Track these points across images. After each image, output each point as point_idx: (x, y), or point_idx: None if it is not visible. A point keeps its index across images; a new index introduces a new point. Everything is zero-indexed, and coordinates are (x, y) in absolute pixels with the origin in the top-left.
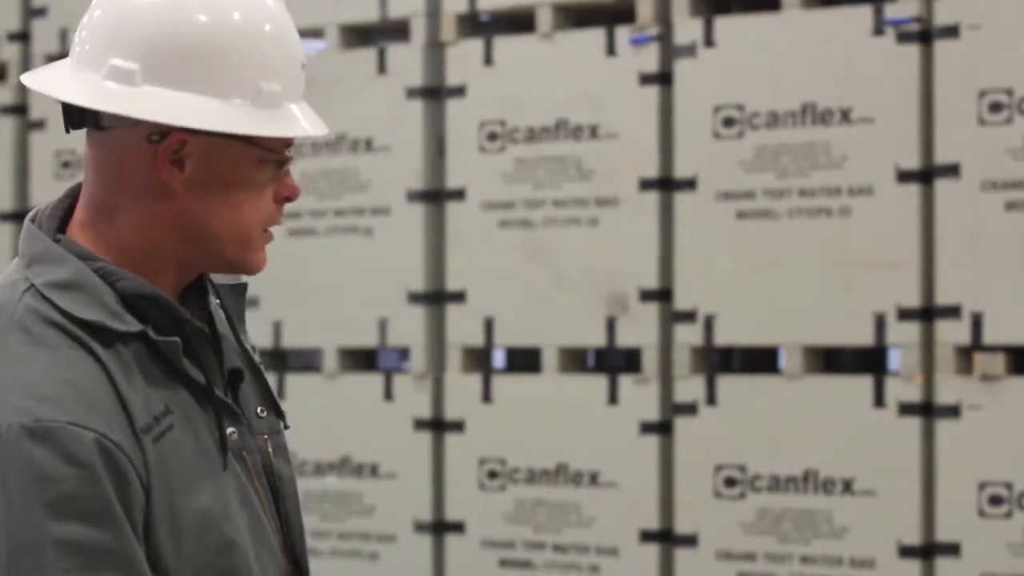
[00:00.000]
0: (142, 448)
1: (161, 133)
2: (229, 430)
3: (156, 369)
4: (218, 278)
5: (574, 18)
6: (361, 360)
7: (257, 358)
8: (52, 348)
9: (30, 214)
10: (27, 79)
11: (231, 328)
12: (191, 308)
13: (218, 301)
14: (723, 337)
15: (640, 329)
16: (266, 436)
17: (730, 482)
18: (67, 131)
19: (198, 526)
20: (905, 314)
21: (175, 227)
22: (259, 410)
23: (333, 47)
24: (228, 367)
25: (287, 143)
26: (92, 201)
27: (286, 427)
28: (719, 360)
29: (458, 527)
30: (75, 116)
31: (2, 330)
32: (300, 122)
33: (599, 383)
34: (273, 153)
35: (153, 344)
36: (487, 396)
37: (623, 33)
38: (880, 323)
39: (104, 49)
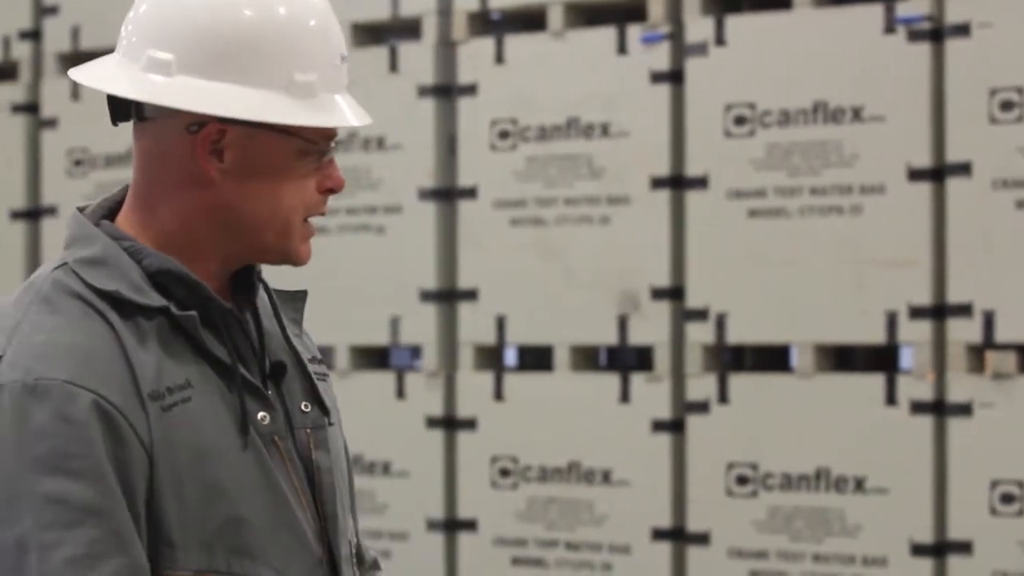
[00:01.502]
0: (146, 413)
1: (200, 123)
2: (260, 414)
3: (179, 344)
4: (275, 282)
5: (585, 17)
6: (373, 358)
7: (319, 367)
8: (67, 315)
9: (79, 205)
10: (74, 72)
11: (280, 327)
12: (237, 301)
13: (268, 299)
14: (735, 335)
15: (652, 327)
16: (308, 429)
17: (742, 480)
18: (114, 124)
19: (204, 497)
20: (917, 312)
21: (214, 216)
22: (303, 405)
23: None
24: (273, 360)
25: (327, 134)
26: (137, 191)
27: (330, 423)
28: (731, 358)
29: (470, 525)
30: (120, 109)
31: (28, 302)
32: (336, 112)
33: (611, 381)
34: (313, 144)
35: (177, 320)
36: (499, 394)
37: (634, 32)
38: (892, 321)
39: (145, 42)
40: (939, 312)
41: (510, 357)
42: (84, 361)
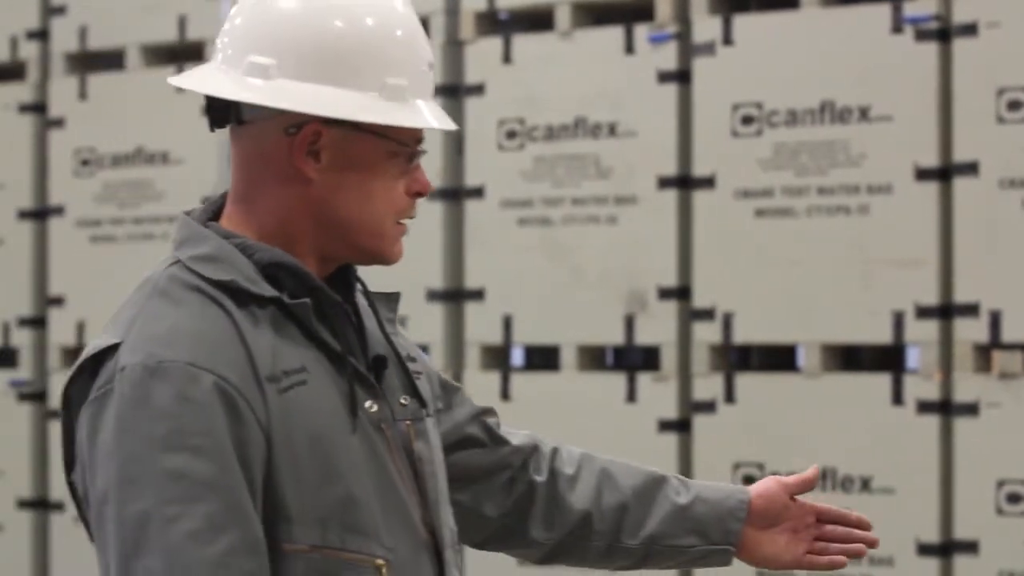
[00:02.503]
0: (264, 395)
1: (297, 125)
2: (368, 403)
3: (292, 332)
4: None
5: (593, 16)
6: None
7: (415, 366)
8: (186, 305)
9: (184, 211)
10: (174, 79)
11: (379, 323)
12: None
13: (367, 301)
14: (741, 335)
15: (658, 327)
16: (408, 421)
17: (748, 480)
18: (212, 130)
19: (319, 476)
20: (923, 312)
21: (311, 215)
22: (403, 398)
23: None
24: (372, 354)
25: (417, 137)
26: (236, 192)
27: (428, 415)
28: (737, 358)
29: None
30: (218, 114)
31: (145, 296)
32: (425, 116)
33: (618, 381)
34: (403, 146)
35: (289, 310)
36: (506, 394)
37: (642, 31)
38: (898, 321)
39: (244, 49)
40: (946, 312)
41: (517, 357)
42: (204, 345)
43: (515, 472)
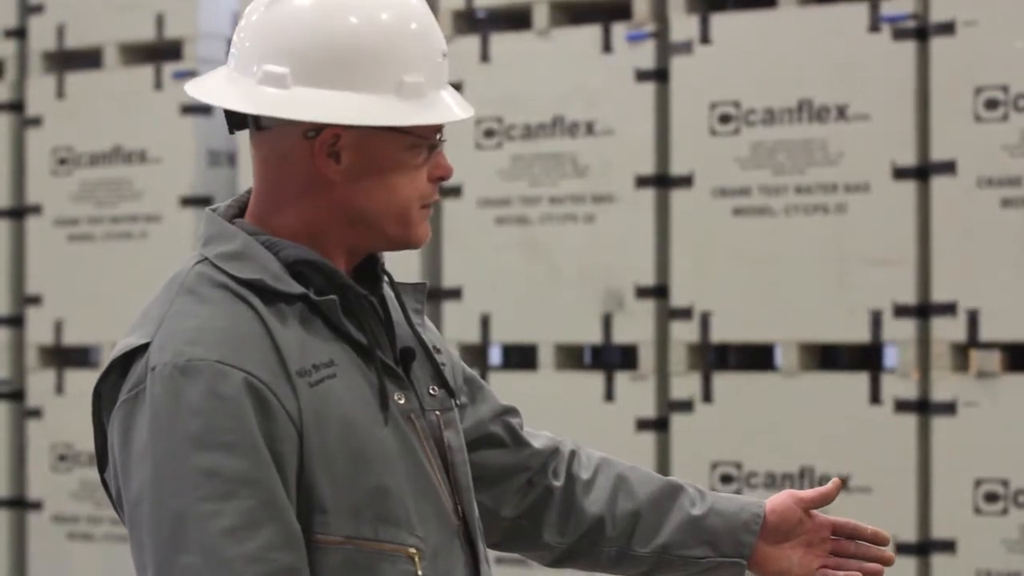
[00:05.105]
0: (295, 389)
1: (316, 129)
2: (396, 395)
3: (319, 327)
4: (396, 274)
5: (570, 15)
6: None
7: (440, 357)
8: (213, 303)
9: (209, 207)
10: (189, 87)
11: (405, 316)
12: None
13: (393, 292)
14: (719, 334)
15: (636, 326)
16: (438, 412)
17: (726, 479)
18: (230, 132)
19: (351, 467)
20: (901, 311)
21: (338, 214)
22: (431, 389)
23: None
24: (400, 346)
25: (436, 128)
26: (260, 195)
27: (458, 405)
28: (715, 357)
29: None
30: (236, 118)
31: (173, 294)
32: (444, 107)
33: (595, 380)
34: (423, 138)
35: (316, 306)
36: None
37: (619, 30)
38: (876, 320)
39: (257, 56)
40: (923, 311)
41: (495, 356)
42: (233, 343)
43: (533, 475)
